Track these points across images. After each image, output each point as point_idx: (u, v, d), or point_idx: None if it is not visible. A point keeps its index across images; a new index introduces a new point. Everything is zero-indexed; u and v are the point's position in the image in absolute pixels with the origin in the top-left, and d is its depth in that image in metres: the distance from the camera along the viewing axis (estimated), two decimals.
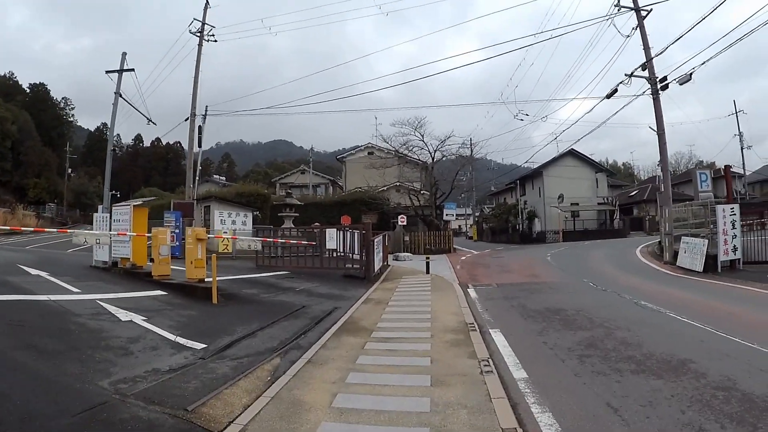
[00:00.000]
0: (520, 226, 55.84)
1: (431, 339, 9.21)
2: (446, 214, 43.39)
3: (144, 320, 9.97)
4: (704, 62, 21.61)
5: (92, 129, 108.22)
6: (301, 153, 77.07)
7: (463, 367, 7.36)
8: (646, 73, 25.42)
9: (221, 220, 29.16)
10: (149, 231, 17.28)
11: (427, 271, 21.04)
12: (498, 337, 9.40)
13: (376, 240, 19.96)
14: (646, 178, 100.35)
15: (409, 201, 43.77)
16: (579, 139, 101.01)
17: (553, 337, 9.36)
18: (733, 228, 19.06)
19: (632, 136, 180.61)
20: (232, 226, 28.99)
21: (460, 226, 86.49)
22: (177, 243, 24.71)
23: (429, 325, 10.43)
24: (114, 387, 6.12)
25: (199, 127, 32.69)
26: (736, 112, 51.13)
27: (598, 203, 57.26)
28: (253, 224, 31.18)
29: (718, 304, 12.59)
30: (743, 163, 49.75)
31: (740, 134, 50.96)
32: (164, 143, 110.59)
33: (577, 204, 54.67)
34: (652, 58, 25.21)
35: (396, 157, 45.22)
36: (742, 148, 50.90)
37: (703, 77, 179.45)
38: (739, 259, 19.24)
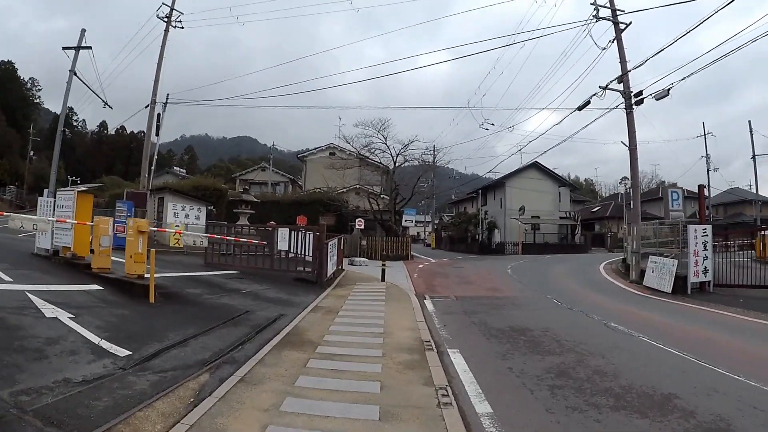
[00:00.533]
0: (480, 236, 55.27)
1: (383, 358, 8.10)
2: (405, 220, 42.43)
3: (70, 318, 9.04)
4: (684, 78, 21.05)
5: (58, 112, 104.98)
6: (266, 150, 75.84)
7: (417, 397, 6.29)
8: (620, 87, 24.78)
9: (174, 213, 28.31)
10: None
11: (383, 279, 19.90)
12: (458, 360, 8.32)
13: (330, 243, 18.78)
14: (607, 194, 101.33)
15: (368, 204, 42.33)
16: (545, 152, 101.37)
17: (519, 361, 8.33)
18: (705, 249, 18.35)
19: (596, 153, 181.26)
20: (185, 220, 28.25)
21: (418, 233, 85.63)
22: None
23: (381, 341, 9.30)
24: (14, 399, 5.31)
25: (158, 115, 32.13)
26: (705, 134, 50.96)
27: (560, 217, 56.84)
28: (207, 219, 30.21)
29: (694, 329, 11.80)
30: (708, 185, 49.50)
31: (707, 156, 50.78)
32: (129, 132, 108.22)
33: (539, 217, 54.23)
34: (628, 72, 24.69)
35: (357, 158, 44.11)
36: (708, 170, 50.73)
37: (667, 100, 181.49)
38: (709, 282, 18.54)
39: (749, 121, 48.77)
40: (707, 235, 18.47)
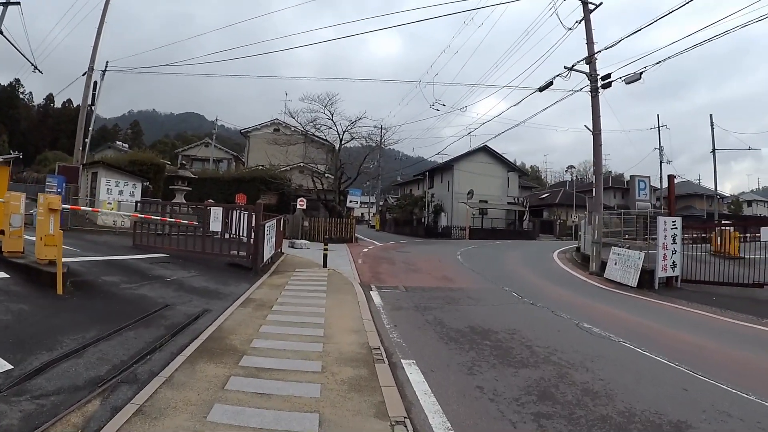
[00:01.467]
0: (426, 219, 54.42)
1: (322, 375, 6.37)
2: (350, 201, 40.70)
3: None
4: (659, 62, 19.77)
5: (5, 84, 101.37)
6: (212, 127, 73.41)
7: None
8: (587, 69, 23.42)
9: (108, 189, 26.59)
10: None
11: (324, 265, 18.14)
12: (415, 376, 6.69)
13: (268, 224, 16.89)
14: (553, 182, 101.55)
15: (312, 184, 40.54)
16: (499, 134, 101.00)
17: (490, 377, 6.79)
18: (674, 243, 17.37)
19: (543, 141, 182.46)
20: (119, 197, 26.59)
21: (362, 214, 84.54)
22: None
23: (321, 349, 7.55)
24: None
25: (95, 83, 30.41)
26: (659, 126, 50.31)
27: (508, 203, 56.26)
28: (142, 196, 28.39)
29: (677, 334, 10.45)
30: (660, 177, 49.08)
31: (660, 148, 50.22)
32: (75, 105, 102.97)
33: (487, 202, 53.50)
34: (596, 53, 23.18)
35: (302, 135, 42.11)
36: (661, 162, 50.18)
37: (618, 92, 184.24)
38: (677, 277, 17.55)
39: (710, 115, 48.18)
40: (677, 228, 17.55)
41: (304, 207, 34.15)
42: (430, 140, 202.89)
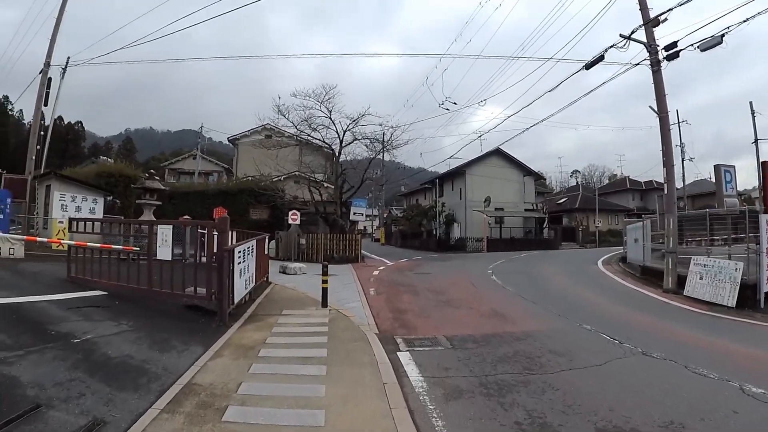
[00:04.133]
0: (437, 231, 50.03)
1: None
2: (354, 213, 34.24)
3: None
4: (746, 20, 15.09)
5: None
6: (211, 144, 69.47)
7: None
8: (644, 38, 18.61)
9: (62, 204, 22.27)
10: None
11: (324, 303, 12.77)
12: None
13: (240, 248, 11.62)
14: (558, 189, 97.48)
15: (309, 195, 34.80)
16: (516, 135, 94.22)
17: None
18: None
19: (545, 146, 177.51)
20: (76, 213, 21.75)
21: (365, 227, 79.79)
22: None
23: None
24: None
25: (50, 79, 27.04)
26: (679, 122, 45.52)
27: (526, 209, 51.62)
28: (107, 212, 24.39)
29: None
30: (683, 175, 44.81)
31: (682, 145, 45.74)
32: (66, 123, 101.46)
33: (503, 209, 48.93)
34: (651, 20, 18.34)
35: (295, 137, 36.73)
36: (683, 160, 45.74)
37: (621, 94, 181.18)
38: None
39: (750, 102, 43.02)
40: None
41: (298, 221, 28.54)
42: (436, 144, 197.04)
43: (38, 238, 18.97)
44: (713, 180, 22.08)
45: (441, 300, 15.34)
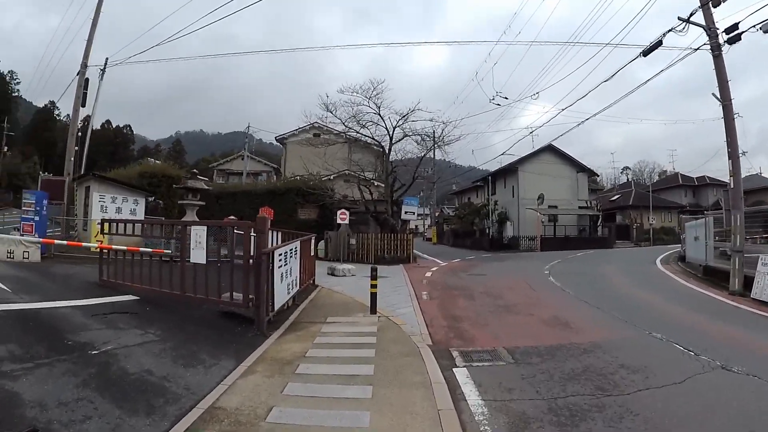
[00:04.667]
0: (489, 229, 48.98)
1: None
2: (405, 212, 32.94)
3: None
4: None
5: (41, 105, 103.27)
6: (260, 145, 69.50)
7: None
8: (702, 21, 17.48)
9: (102, 206, 21.89)
10: None
11: (373, 310, 11.91)
12: None
13: (282, 250, 10.86)
14: (609, 186, 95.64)
15: (359, 194, 33.90)
16: (572, 129, 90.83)
17: None
18: None
19: (591, 143, 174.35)
20: (116, 214, 21.61)
21: (416, 226, 79.04)
22: (37, 236, 19.05)
23: None
24: None
25: (87, 80, 26.60)
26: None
27: (579, 207, 50.26)
28: (149, 213, 24.43)
29: None
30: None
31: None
32: (114, 126, 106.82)
33: (556, 207, 47.69)
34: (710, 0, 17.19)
35: (343, 133, 35.85)
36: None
37: (664, 90, 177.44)
38: None
39: None
40: None
41: (347, 221, 27.64)
42: (486, 142, 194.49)
43: (55, 241, 18.75)
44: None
45: (498, 305, 14.31)
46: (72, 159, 26.04)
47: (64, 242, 18.82)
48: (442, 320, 11.91)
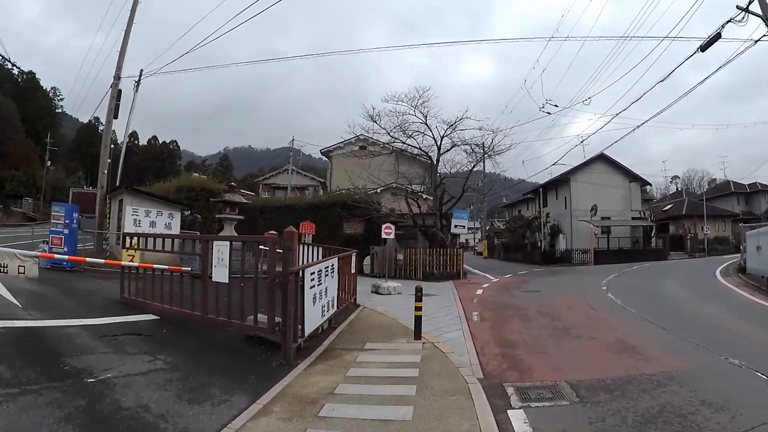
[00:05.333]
0: (541, 242, 48.13)
1: None
2: (455, 226, 31.48)
3: None
4: None
5: (84, 121, 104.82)
6: (307, 159, 69.56)
7: None
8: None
9: (135, 220, 21.41)
10: None
11: (417, 335, 10.76)
12: None
13: (314, 269, 9.95)
14: (659, 195, 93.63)
15: (407, 207, 32.85)
16: (627, 134, 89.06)
17: None
18: None
19: (640, 153, 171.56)
20: (150, 228, 21.11)
21: (466, 240, 77.85)
22: (65, 249, 19.01)
23: None
24: None
25: (120, 91, 26.38)
26: None
27: (632, 218, 48.79)
28: (185, 228, 23.79)
29: None
30: None
31: None
32: (161, 142, 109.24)
33: (609, 218, 46.46)
34: None
35: (388, 146, 35.09)
36: None
37: (709, 96, 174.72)
38: None
39: None
40: None
41: (392, 235, 26.51)
42: (534, 153, 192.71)
43: (87, 259, 18.35)
44: None
45: (557, 327, 13.13)
46: (105, 172, 25.84)
47: (100, 260, 18.33)
48: (494, 347, 10.76)
